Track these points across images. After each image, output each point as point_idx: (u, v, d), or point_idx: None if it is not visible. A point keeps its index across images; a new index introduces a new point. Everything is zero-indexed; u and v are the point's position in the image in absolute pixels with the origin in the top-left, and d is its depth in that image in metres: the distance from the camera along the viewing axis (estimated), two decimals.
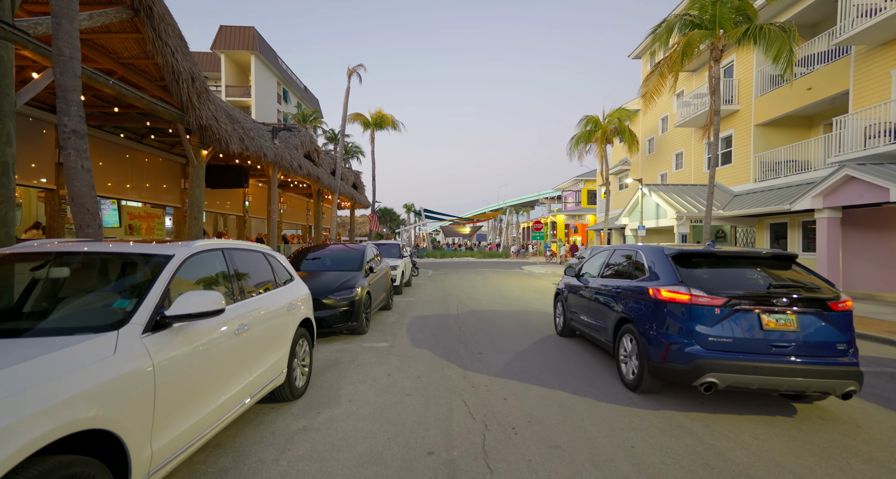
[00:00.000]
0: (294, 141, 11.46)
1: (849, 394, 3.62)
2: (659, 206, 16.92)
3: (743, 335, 3.71)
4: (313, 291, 6.57)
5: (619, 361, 4.71)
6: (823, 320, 3.75)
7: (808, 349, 3.68)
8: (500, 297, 12.09)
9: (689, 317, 3.84)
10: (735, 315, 3.75)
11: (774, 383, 3.62)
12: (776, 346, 3.68)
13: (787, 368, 3.60)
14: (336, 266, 7.93)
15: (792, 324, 3.71)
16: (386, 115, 24.26)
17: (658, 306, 4.10)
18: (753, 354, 3.68)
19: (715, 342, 3.73)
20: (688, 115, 18.11)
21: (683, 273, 4.09)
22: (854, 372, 3.60)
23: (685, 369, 3.77)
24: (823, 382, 3.59)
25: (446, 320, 8.51)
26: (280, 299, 3.84)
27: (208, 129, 7.26)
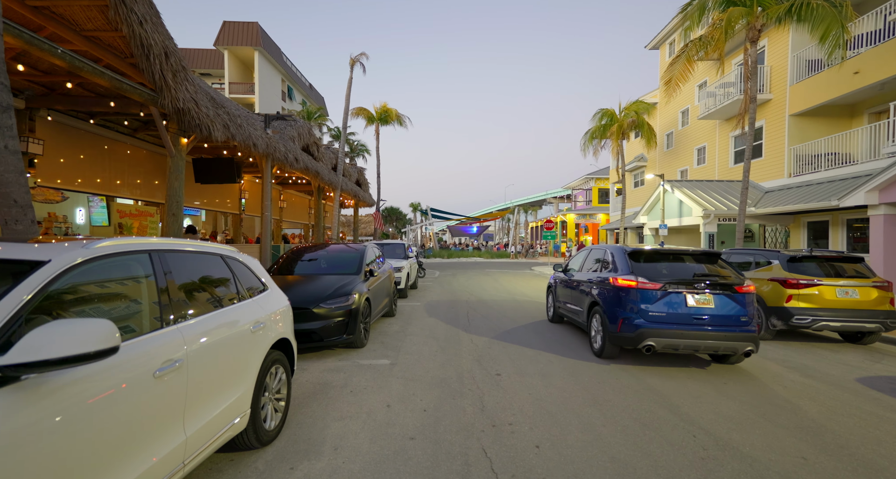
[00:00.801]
0: (290, 132, 10.57)
1: (748, 352, 4.97)
2: (682, 203, 15.80)
3: (673, 311, 5.04)
4: (302, 298, 5.68)
5: (591, 336, 6.01)
6: (731, 299, 5.05)
7: (720, 321, 4.97)
8: (513, 302, 11.10)
9: (636, 298, 5.15)
10: (668, 296, 5.07)
11: (695, 345, 4.97)
12: (697, 318, 4.98)
13: (703, 334, 4.94)
14: (332, 269, 7.01)
15: (709, 302, 5.02)
16: (391, 109, 23.32)
17: (616, 290, 5.38)
18: (680, 324, 4.99)
19: (653, 316, 5.05)
20: (712, 106, 16.96)
21: (635, 266, 5.39)
22: (752, 337, 4.92)
23: (632, 336, 5.11)
24: (729, 344, 4.92)
25: (456, 329, 7.56)
26: (242, 316, 2.91)
27: (186, 113, 6.38)
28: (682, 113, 21.24)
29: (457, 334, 7.22)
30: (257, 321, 3.04)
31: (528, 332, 7.29)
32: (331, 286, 6.07)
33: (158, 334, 2.09)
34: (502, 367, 5.26)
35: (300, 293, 5.81)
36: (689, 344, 4.94)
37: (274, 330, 3.29)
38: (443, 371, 5.09)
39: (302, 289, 5.96)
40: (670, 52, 22.48)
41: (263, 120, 8.95)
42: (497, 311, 9.54)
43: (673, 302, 5.03)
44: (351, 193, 17.48)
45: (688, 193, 15.18)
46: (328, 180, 13.55)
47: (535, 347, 6.27)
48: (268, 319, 3.23)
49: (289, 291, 5.91)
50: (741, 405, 4.09)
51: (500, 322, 8.26)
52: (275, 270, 6.84)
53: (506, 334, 7.15)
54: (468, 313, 9.33)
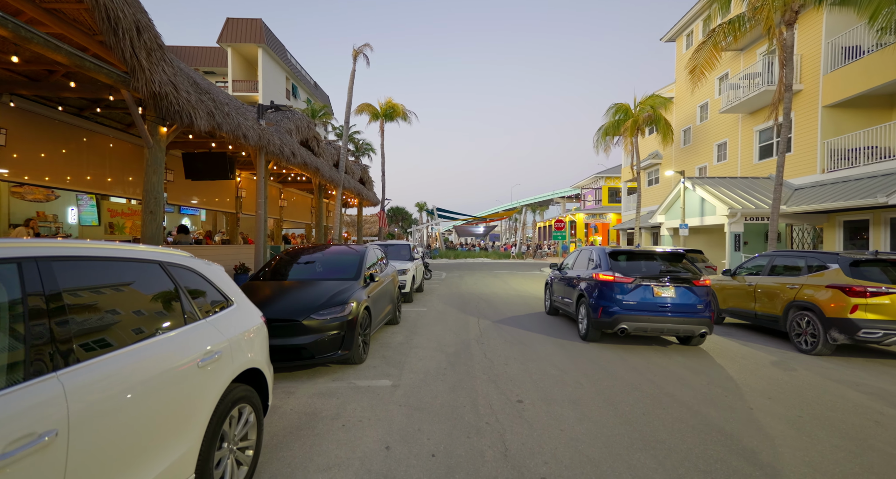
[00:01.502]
0: (287, 125, 9.84)
1: (703, 334, 6.09)
2: (705, 201, 14.87)
3: (643, 300, 6.09)
4: (290, 309, 4.92)
5: (578, 323, 7.00)
6: (690, 291, 6.10)
7: (680, 308, 6.03)
8: (526, 306, 10.28)
9: (613, 290, 6.19)
10: (638, 288, 6.13)
11: (660, 328, 6.10)
12: (661, 306, 6.05)
13: (666, 319, 6.03)
14: (328, 274, 6.25)
15: (671, 293, 6.08)
16: (396, 104, 22.53)
17: (598, 284, 6.40)
18: (648, 311, 6.05)
19: (626, 305, 6.11)
20: (735, 99, 15.99)
21: (613, 264, 6.46)
22: (706, 321, 5.99)
23: (609, 321, 6.18)
24: (687, 327, 6.03)
25: (466, 340, 6.76)
26: (185, 346, 2.14)
27: (164, 98, 5.65)
28: (701, 107, 20.25)
29: (468, 345, 6.42)
30: (209, 351, 2.27)
31: (548, 345, 6.48)
32: (325, 294, 5.31)
33: (13, 394, 1.32)
34: (524, 391, 4.46)
35: (288, 303, 5.06)
36: (655, 327, 6.10)
37: (237, 359, 2.52)
38: (454, 396, 4.30)
39: (291, 297, 5.20)
40: (687, 43, 21.51)
41: (256, 110, 8.24)
42: (511, 317, 8.73)
43: (642, 293, 6.13)
44: (354, 192, 16.74)
45: (711, 191, 14.25)
46: (329, 177, 12.82)
47: (559, 366, 5.46)
48: (229, 345, 2.46)
49: (275, 300, 5.17)
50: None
51: (516, 332, 7.45)
52: (263, 275, 6.09)
53: (523, 346, 6.34)
54: (479, 321, 8.53)
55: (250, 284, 5.71)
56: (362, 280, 6.00)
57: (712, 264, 12.07)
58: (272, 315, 4.76)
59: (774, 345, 6.65)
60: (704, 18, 19.75)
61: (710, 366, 5.42)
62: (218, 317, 2.54)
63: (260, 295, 5.26)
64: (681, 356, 5.87)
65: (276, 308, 4.91)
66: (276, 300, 5.13)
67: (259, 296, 5.23)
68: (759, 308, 7.09)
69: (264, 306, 4.94)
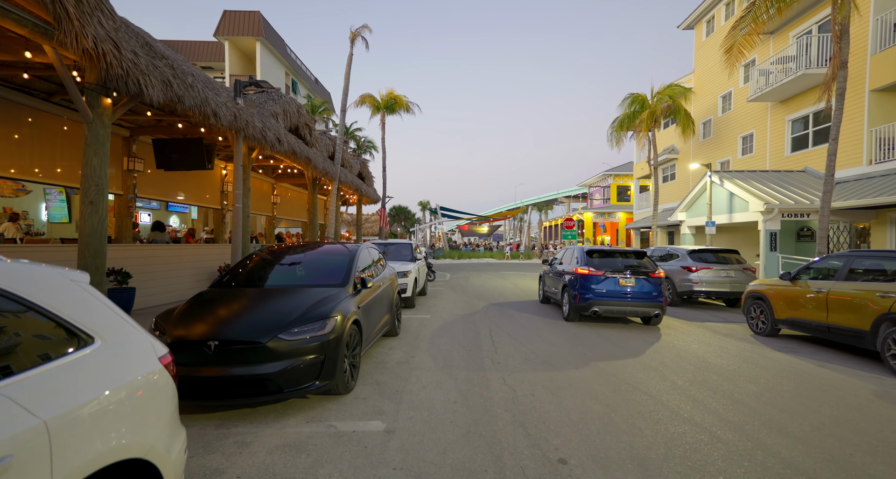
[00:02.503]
0: (272, 107, 8.68)
1: (657, 315, 7.71)
2: (734, 197, 13.60)
3: (610, 289, 7.70)
4: (250, 326, 3.74)
5: (562, 308, 8.66)
6: (647, 281, 7.68)
7: (639, 295, 7.64)
8: (539, 311, 9.07)
9: (587, 281, 7.82)
10: (607, 279, 7.74)
11: (623, 310, 7.70)
12: (624, 293, 7.65)
13: (628, 303, 7.64)
14: (309, 279, 5.07)
15: (633, 283, 7.66)
16: (398, 96, 21.32)
17: (577, 276, 8.01)
18: (615, 297, 7.67)
19: (598, 292, 7.71)
20: (766, 85, 14.71)
21: (589, 261, 8.13)
22: (659, 305, 7.61)
23: (585, 305, 7.76)
24: (644, 309, 7.66)
25: (479, 357, 5.57)
26: None
27: (103, 58, 4.49)
28: (723, 98, 18.96)
29: (481, 366, 5.23)
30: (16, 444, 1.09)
31: (570, 358, 5.28)
32: (301, 305, 4.12)
33: None
34: (564, 441, 3.26)
35: (250, 318, 3.87)
36: (619, 309, 7.64)
37: (92, 446, 1.34)
38: (469, 450, 3.11)
39: (255, 310, 4.02)
40: (708, 30, 20.23)
41: (234, 86, 7.08)
42: (527, 325, 7.53)
43: (610, 283, 7.67)
44: (352, 187, 15.57)
45: (742, 185, 12.98)
46: (323, 170, 11.65)
47: (601, 400, 4.26)
48: (66, 426, 1.28)
49: (233, 314, 3.99)
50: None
51: (536, 343, 6.26)
52: (228, 280, 4.91)
53: (548, 366, 5.15)
54: (491, 331, 7.34)
55: (207, 292, 4.54)
56: (351, 287, 4.82)
57: (751, 265, 10.80)
58: (226, 335, 3.59)
59: (861, 366, 5.42)
60: (727, 1, 18.49)
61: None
62: (51, 370, 1.35)
63: (214, 308, 4.09)
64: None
65: (232, 326, 3.73)
66: (234, 315, 3.95)
67: (212, 309, 4.06)
68: (833, 320, 5.86)
69: (217, 324, 3.77)
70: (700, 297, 10.47)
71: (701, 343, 6.64)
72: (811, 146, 14.02)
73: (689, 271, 10.34)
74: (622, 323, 8.14)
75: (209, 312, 3.98)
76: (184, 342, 3.55)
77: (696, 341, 6.75)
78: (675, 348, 6.26)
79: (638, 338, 6.94)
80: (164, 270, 8.95)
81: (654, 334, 7.21)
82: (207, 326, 3.70)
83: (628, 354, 5.90)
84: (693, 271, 10.28)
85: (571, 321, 8.08)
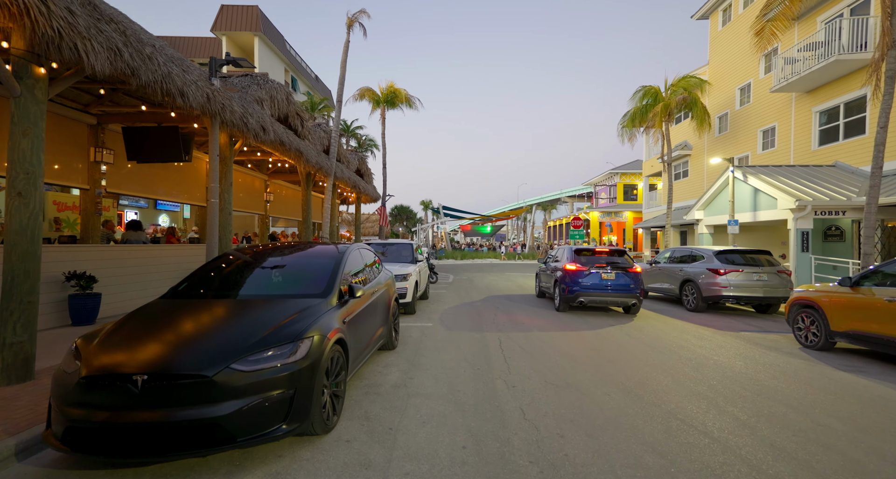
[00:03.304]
0: (257, 93, 7.81)
1: (634, 305, 8.86)
2: (759, 193, 12.65)
3: (594, 282, 8.79)
4: (197, 353, 2.85)
5: (554, 300, 9.69)
6: (625, 275, 8.77)
7: (617, 287, 8.72)
8: (567, 330, 8.17)
9: (574, 275, 8.91)
10: (591, 274, 8.81)
11: (605, 301, 8.85)
12: (606, 286, 8.73)
13: (609, 294, 8.75)
14: (284, 287, 4.17)
15: (612, 277, 8.74)
16: (398, 89, 20.39)
17: (565, 272, 9.07)
18: (598, 289, 8.76)
19: (583, 285, 8.81)
20: (792, 74, 13.74)
21: (576, 258, 9.16)
22: (636, 296, 8.71)
23: (572, 296, 8.88)
24: (622, 299, 8.80)
25: (490, 379, 4.67)
26: None
27: (24, 14, 3.61)
28: (741, 90, 17.99)
29: (493, 391, 4.34)
30: None
31: (596, 380, 4.38)
32: (267, 322, 3.24)
33: None
34: None
35: (197, 341, 2.97)
36: (602, 300, 8.89)
37: None
38: None
39: (207, 330, 3.13)
40: (724, 19, 19.26)
41: (209, 64, 6.20)
42: (544, 337, 6.62)
43: (594, 277, 8.85)
44: (350, 184, 14.70)
45: (769, 181, 12.02)
46: (317, 164, 10.77)
47: (653, 448, 3.34)
48: None
49: (177, 336, 3.11)
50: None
51: (555, 358, 5.35)
52: (184, 289, 4.02)
53: (578, 394, 4.24)
54: (502, 343, 6.44)
55: (151, 305, 3.65)
56: (335, 297, 3.93)
57: (786, 267, 9.85)
58: (160, 367, 2.69)
59: None
60: None
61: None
62: None
63: (153, 328, 3.19)
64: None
65: (170, 354, 2.83)
66: (178, 338, 3.05)
67: (150, 330, 3.16)
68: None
69: (151, 350, 2.86)
70: (727, 302, 9.54)
71: (746, 359, 5.71)
72: (842, 139, 13.05)
73: (717, 273, 9.41)
74: (649, 337, 7.29)
75: (145, 333, 3.09)
76: (102, 377, 2.67)
77: (739, 357, 5.83)
78: (720, 367, 5.34)
79: (675, 354, 6.02)
80: (139, 273, 8.10)
81: (690, 347, 6.28)
82: (137, 354, 2.81)
83: (669, 374, 4.99)
84: (721, 273, 9.35)
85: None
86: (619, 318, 8.85)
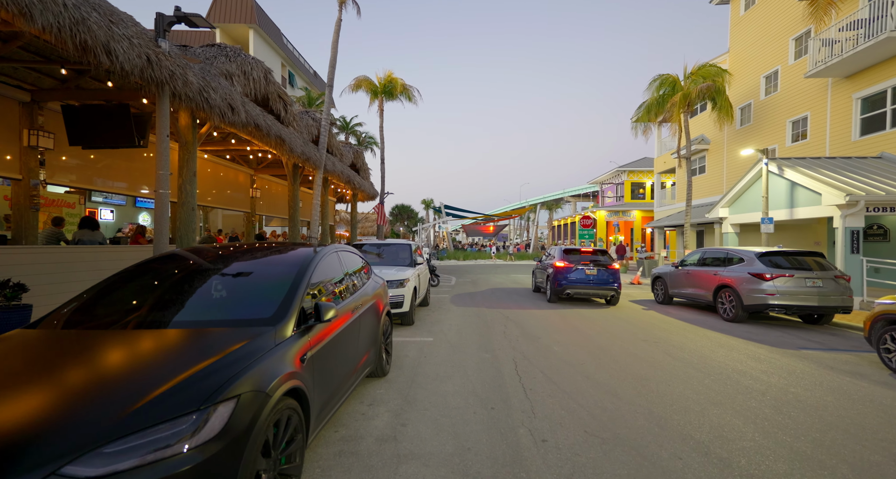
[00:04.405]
0: (226, 66, 6.59)
1: (612, 296, 10.40)
2: (797, 189, 11.38)
3: (579, 277, 10.35)
4: (26, 437, 1.58)
5: (545, 292, 11.28)
6: (605, 271, 10.37)
7: (599, 281, 10.31)
8: (579, 334, 6.91)
9: (563, 271, 10.42)
10: (577, 270, 10.36)
11: (588, 293, 10.53)
12: (589, 280, 10.31)
13: (591, 287, 10.38)
14: (220, 309, 2.89)
15: (595, 272, 10.30)
16: (396, 78, 19.12)
17: (556, 268, 10.56)
18: (582, 282, 10.35)
19: (570, 279, 10.36)
20: (829, 57, 12.45)
21: (565, 256, 10.62)
22: (614, 288, 10.27)
23: (561, 289, 10.47)
24: (603, 292, 10.36)
25: (509, 426, 3.44)
26: None
27: None
28: (767, 78, 16.69)
29: (515, 448, 3.11)
30: None
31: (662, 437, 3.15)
32: (164, 374, 2.01)
33: None
34: None
35: (41, 411, 1.75)
36: (586, 292, 10.55)
37: None
38: None
39: (66, 389, 1.90)
40: (746, 3, 17.95)
41: (154, 25, 4.98)
42: (568, 357, 5.38)
43: (580, 272, 10.41)
44: (343, 179, 13.47)
45: (809, 174, 10.74)
46: (302, 154, 9.54)
47: None
48: None
49: (10, 400, 1.87)
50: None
51: (590, 392, 4.10)
52: (71, 311, 2.79)
53: (627, 450, 3.01)
54: (518, 367, 5.22)
55: (8, 338, 2.43)
56: (291, 323, 2.69)
57: (844, 272, 8.58)
58: None
59: None
60: None
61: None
62: None
63: None
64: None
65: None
66: (10, 403, 1.82)
67: None
68: None
69: None
70: (773, 312, 8.28)
71: (836, 394, 4.46)
72: (889, 128, 11.76)
73: (762, 279, 8.15)
74: (693, 356, 6.05)
75: None
76: None
77: (821, 389, 4.58)
78: (808, 406, 4.10)
79: (738, 384, 4.77)
80: (92, 280, 6.89)
81: (751, 373, 5.02)
82: None
83: (746, 417, 3.73)
84: (767, 279, 8.09)
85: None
86: (646, 331, 7.60)
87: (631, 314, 9.46)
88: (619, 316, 9.16)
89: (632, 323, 8.37)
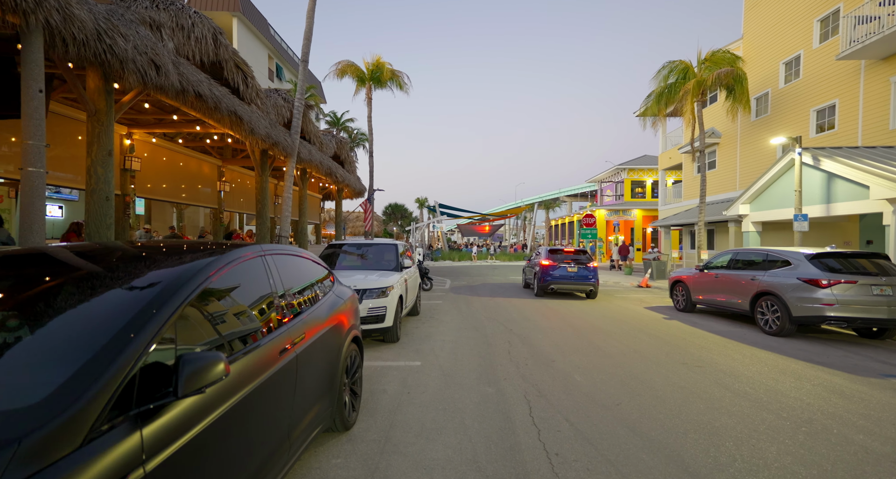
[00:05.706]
0: (152, 14, 5.10)
1: (591, 291, 11.62)
2: (835, 181, 10.07)
3: (562, 273, 11.66)
4: None
5: (532, 288, 12.72)
6: (584, 269, 11.61)
7: (578, 277, 11.58)
8: (632, 381, 5.51)
9: (548, 269, 11.76)
10: (560, 267, 11.70)
11: (570, 288, 11.77)
12: (570, 276, 11.61)
13: (572, 283, 11.64)
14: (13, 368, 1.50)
15: (575, 269, 11.61)
16: (384, 63, 17.60)
17: (542, 267, 11.86)
18: (564, 279, 11.65)
19: (553, 276, 11.69)
20: (866, 36, 11.18)
21: (549, 256, 12.02)
22: (593, 284, 11.52)
23: (545, 285, 11.78)
24: (582, 287, 11.64)
25: None
26: None
27: None
28: (787, 64, 15.43)
29: None
30: None
31: None
32: None
33: None
34: None
35: None
36: (568, 287, 11.69)
37: None
38: None
39: None
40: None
41: None
42: (593, 392, 3.97)
43: (562, 270, 11.60)
44: (323, 171, 11.98)
45: (853, 165, 9.42)
46: (268, 138, 8.04)
47: None
48: None
49: None
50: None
51: (638, 455, 2.73)
52: None
53: None
54: (533, 410, 3.80)
55: None
56: (92, 418, 1.23)
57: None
58: None
59: None
60: None
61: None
62: None
63: None
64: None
65: None
66: None
67: None
68: None
69: None
70: (827, 324, 6.93)
71: None
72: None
73: (816, 285, 6.80)
74: (756, 389, 4.67)
75: None
76: None
77: None
78: None
79: (834, 436, 3.37)
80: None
81: (841, 416, 3.63)
82: None
83: None
84: (823, 285, 6.74)
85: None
86: (681, 350, 6.21)
87: (653, 326, 8.08)
88: (640, 328, 7.78)
89: (658, 338, 6.98)
